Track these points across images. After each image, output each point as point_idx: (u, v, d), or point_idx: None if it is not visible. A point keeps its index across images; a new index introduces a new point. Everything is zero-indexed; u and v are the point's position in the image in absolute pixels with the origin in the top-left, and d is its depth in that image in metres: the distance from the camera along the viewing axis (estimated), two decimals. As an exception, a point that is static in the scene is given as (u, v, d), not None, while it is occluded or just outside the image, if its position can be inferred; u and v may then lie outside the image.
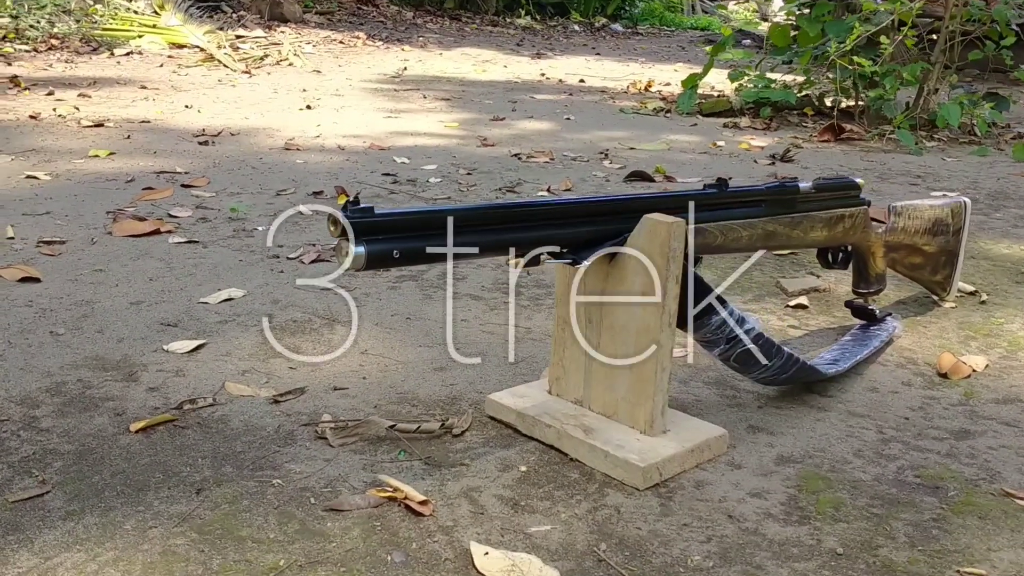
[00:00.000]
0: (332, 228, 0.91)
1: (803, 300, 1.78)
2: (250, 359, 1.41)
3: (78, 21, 6.06)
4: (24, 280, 1.70)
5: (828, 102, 4.29)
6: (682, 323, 1.20)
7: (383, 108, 4.11)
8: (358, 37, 6.97)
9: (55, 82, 4.30)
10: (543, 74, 5.87)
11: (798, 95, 4.26)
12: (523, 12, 11.14)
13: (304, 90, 4.52)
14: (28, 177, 2.50)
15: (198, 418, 1.22)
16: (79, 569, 0.90)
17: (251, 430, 1.19)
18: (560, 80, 5.63)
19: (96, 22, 6.07)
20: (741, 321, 1.22)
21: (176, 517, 0.99)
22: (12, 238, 1.96)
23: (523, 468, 1.13)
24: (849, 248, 1.56)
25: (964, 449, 1.24)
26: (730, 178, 1.99)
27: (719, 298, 1.20)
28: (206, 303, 1.64)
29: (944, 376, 1.47)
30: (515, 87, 5.20)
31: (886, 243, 1.60)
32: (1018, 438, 1.28)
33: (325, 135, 3.39)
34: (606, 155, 3.29)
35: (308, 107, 4.01)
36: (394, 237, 0.94)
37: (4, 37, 5.39)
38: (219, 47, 5.58)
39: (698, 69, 4.56)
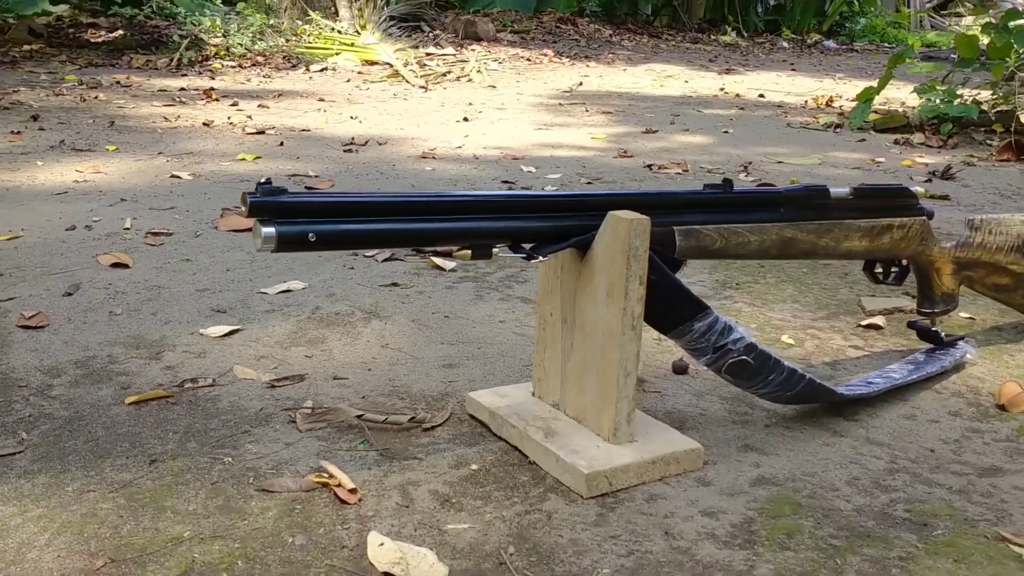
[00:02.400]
0: (244, 208, 0.93)
1: (878, 320, 1.64)
2: (274, 346, 1.46)
3: (287, 40, 6.50)
4: (115, 266, 1.84)
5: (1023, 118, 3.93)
6: (665, 329, 1.15)
7: (539, 121, 4.15)
8: (545, 54, 7.07)
9: (245, 94, 4.62)
10: (722, 89, 5.72)
11: (990, 111, 3.93)
12: (729, 29, 10.93)
13: (470, 104, 4.63)
14: (172, 176, 2.70)
15: (192, 396, 1.27)
16: (4, 523, 0.96)
17: (234, 411, 1.23)
18: (737, 95, 5.47)
19: (302, 41, 6.48)
20: (727, 330, 1.14)
21: (117, 484, 1.04)
22: (128, 228, 2.13)
23: (475, 467, 1.11)
24: (904, 262, 1.43)
25: (982, 487, 1.10)
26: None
27: (702, 305, 1.13)
28: (265, 293, 1.71)
29: (1002, 408, 1.32)
30: (687, 101, 5.10)
31: (956, 259, 1.45)
32: (1055, 480, 1.12)
33: (468, 145, 3.45)
34: (746, 168, 3.16)
35: (465, 119, 4.10)
36: (312, 220, 0.95)
37: (216, 55, 5.85)
38: (405, 64, 5.82)
39: (892, 85, 4.30)
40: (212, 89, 4.71)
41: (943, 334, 1.47)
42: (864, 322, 1.65)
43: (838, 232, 1.30)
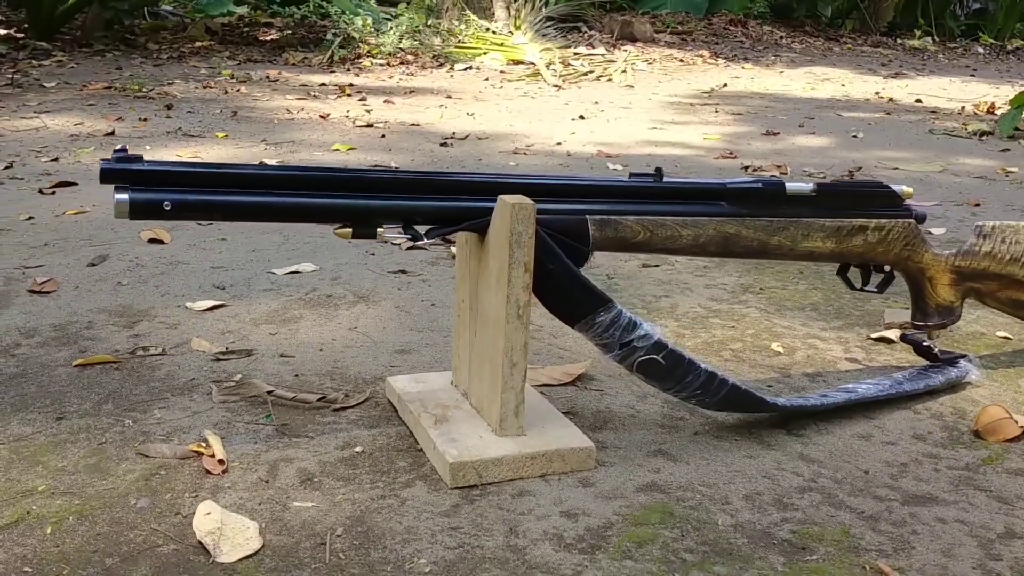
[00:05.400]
0: (99, 178, 0.95)
1: (890, 334, 1.51)
2: (247, 323, 1.49)
3: (443, 40, 6.64)
4: (152, 241, 1.93)
5: None
6: (571, 321, 1.10)
7: (658, 120, 4.05)
8: (701, 55, 6.90)
9: (379, 91, 4.75)
10: (877, 93, 5.41)
11: None
12: (919, 33, 10.32)
13: (596, 102, 4.58)
14: (260, 163, 2.81)
15: (137, 363, 1.32)
16: None
17: (167, 379, 1.27)
18: (891, 99, 5.15)
19: (457, 41, 6.61)
20: (632, 326, 1.08)
21: (14, 436, 1.09)
22: (188, 209, 2.23)
23: (359, 449, 1.10)
24: (888, 269, 1.30)
25: (899, 516, 0.99)
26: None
27: (604, 298, 1.08)
28: (273, 273, 1.76)
29: (978, 435, 1.18)
30: (831, 105, 4.85)
31: (956, 268, 1.31)
32: (991, 516, 0.99)
33: (568, 142, 3.42)
34: (851, 173, 2.98)
35: (582, 117, 4.06)
36: (168, 189, 0.96)
37: (368, 52, 6.05)
38: (548, 64, 5.82)
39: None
40: (351, 85, 4.87)
41: (937, 349, 1.33)
42: (874, 335, 1.52)
43: (795, 231, 1.20)
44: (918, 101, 5.13)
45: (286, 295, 1.63)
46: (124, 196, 0.94)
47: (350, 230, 1.04)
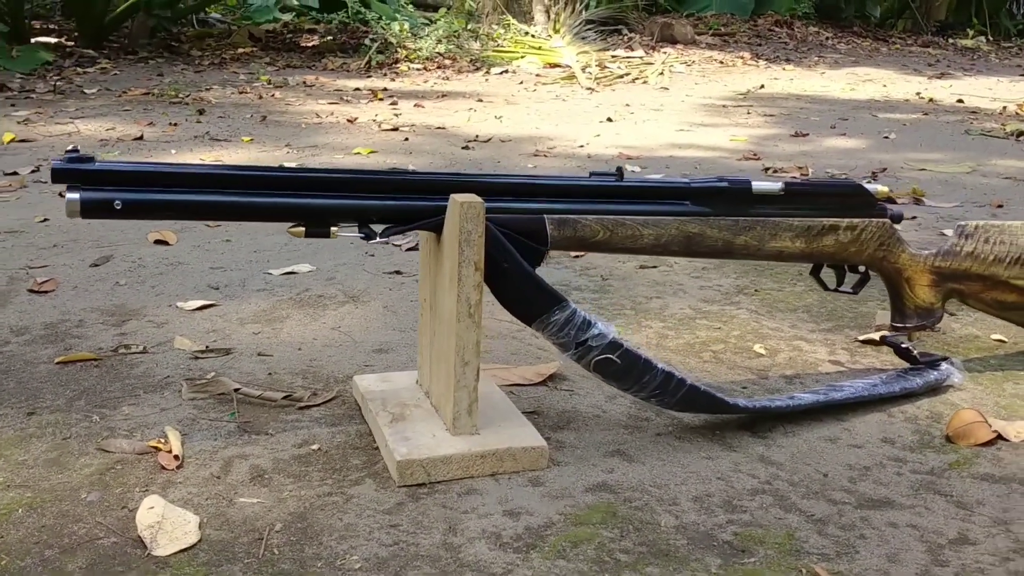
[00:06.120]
0: (50, 178, 0.98)
1: (879, 336, 1.48)
2: (233, 322, 1.51)
3: (483, 45, 6.67)
4: (157, 242, 1.97)
5: None
6: (527, 320, 1.09)
7: (687, 122, 4.02)
8: (741, 57, 6.83)
9: (412, 95, 4.79)
10: (918, 93, 5.31)
11: None
12: (971, 32, 10.10)
13: (627, 105, 4.56)
14: (279, 166, 2.85)
15: (117, 361, 1.34)
16: None
17: (142, 376, 1.29)
18: (931, 100, 5.05)
19: (496, 45, 6.62)
20: (586, 325, 1.07)
21: (-17, 430, 1.12)
22: (200, 212, 2.27)
23: (316, 447, 1.11)
24: (864, 269, 1.28)
25: (849, 520, 0.98)
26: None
27: (557, 297, 1.07)
28: (270, 274, 1.78)
29: (949, 439, 1.15)
30: (868, 106, 4.78)
31: (935, 269, 1.28)
32: (945, 522, 0.97)
33: (592, 144, 3.41)
34: (875, 175, 2.93)
35: (610, 119, 4.05)
36: (120, 189, 0.98)
37: (406, 57, 6.10)
38: (584, 67, 5.81)
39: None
40: (384, 89, 4.91)
41: (916, 352, 1.30)
42: (862, 337, 1.49)
43: (761, 230, 1.18)
44: (959, 101, 5.02)
45: (278, 295, 1.65)
46: (75, 195, 0.97)
47: (303, 229, 1.05)
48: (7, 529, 0.92)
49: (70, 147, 0.98)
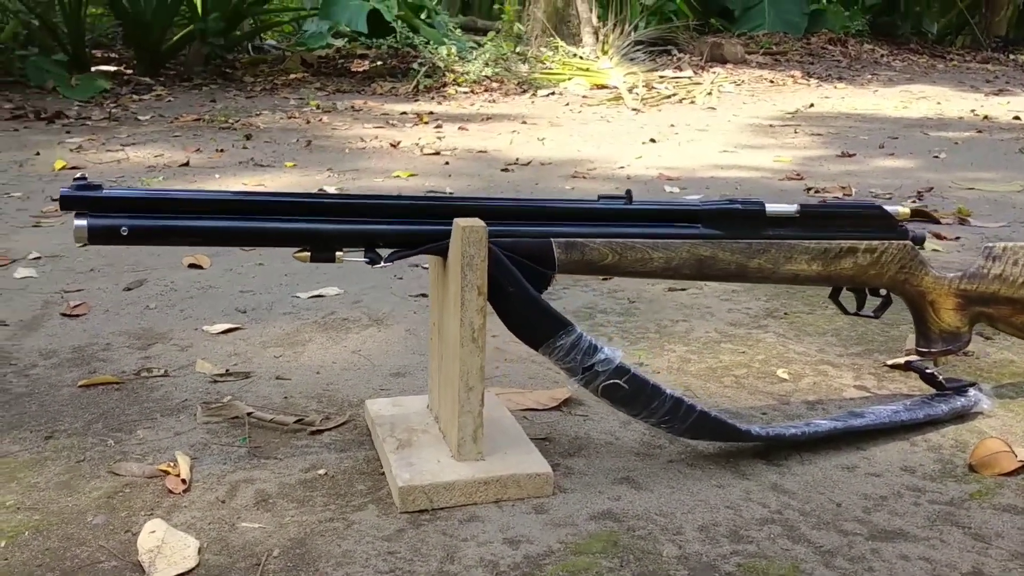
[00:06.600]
0: (59, 205, 0.99)
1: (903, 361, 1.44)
2: (256, 345, 1.53)
3: (531, 67, 6.69)
4: (191, 266, 2.00)
5: None
6: (535, 344, 1.09)
7: (732, 143, 3.99)
8: (792, 76, 6.76)
9: (457, 118, 4.82)
10: (973, 111, 5.20)
11: None
12: (1032, 48, 9.88)
13: (672, 125, 4.54)
14: (319, 190, 2.88)
15: (138, 384, 1.36)
16: None
17: (161, 399, 1.31)
18: (986, 117, 4.95)
19: (545, 67, 6.65)
20: (592, 350, 1.06)
21: (2, 454, 1.14)
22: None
23: (323, 472, 1.11)
24: (885, 292, 1.24)
25: (859, 552, 0.95)
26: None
27: (564, 321, 1.06)
28: (297, 297, 1.79)
29: (972, 468, 1.12)
30: (920, 124, 4.69)
31: (962, 292, 1.24)
32: (960, 555, 0.94)
33: (632, 166, 3.40)
34: (920, 195, 2.87)
35: (653, 140, 4.03)
36: (126, 215, 1.00)
37: (454, 81, 6.14)
38: (631, 88, 5.80)
39: None
40: (430, 113, 4.95)
41: (942, 377, 1.26)
42: (890, 362, 1.45)
43: (776, 253, 1.16)
44: (1016, 118, 4.91)
45: (303, 318, 1.67)
46: (83, 222, 0.98)
47: (308, 254, 1.05)
48: (13, 551, 0.93)
49: (78, 175, 1.00)
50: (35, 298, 1.76)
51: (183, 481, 1.06)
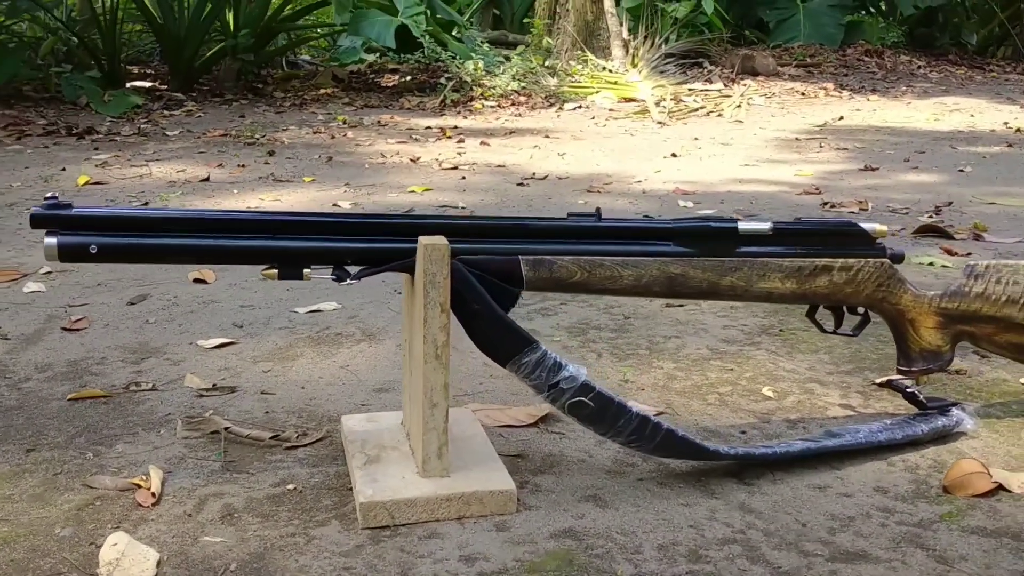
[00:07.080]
0: (29, 223, 1.02)
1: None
2: (246, 360, 1.54)
3: (560, 80, 6.70)
4: (196, 281, 2.02)
5: None
6: (501, 361, 1.09)
7: (754, 157, 3.96)
8: (824, 88, 6.70)
9: (480, 132, 4.84)
10: (1007, 124, 5.12)
11: None
12: (1077, 57, 9.71)
13: (695, 139, 4.52)
14: (334, 205, 2.91)
15: (125, 398, 1.38)
16: None
17: (145, 413, 1.33)
18: (1019, 130, 4.87)
19: (573, 80, 6.66)
20: (557, 367, 1.06)
21: (-18, 466, 1.17)
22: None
23: (292, 487, 1.12)
24: (863, 310, 1.23)
25: (817, 573, 0.94)
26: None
27: (528, 339, 1.07)
28: (296, 312, 1.81)
29: (947, 490, 1.10)
30: (951, 137, 4.63)
31: (942, 311, 1.23)
32: (921, 573, 0.93)
33: (651, 180, 3.39)
34: (939, 210, 2.83)
35: (674, 155, 4.02)
36: (95, 233, 1.01)
37: (482, 95, 6.17)
38: (659, 101, 5.79)
39: None
40: (454, 127, 4.98)
41: (923, 396, 1.25)
42: (879, 380, 1.44)
43: (748, 271, 1.16)
44: (1049, 131, 4.83)
45: (297, 333, 1.68)
46: (53, 240, 1.00)
47: (276, 271, 1.07)
48: (-23, 563, 0.95)
49: (48, 194, 1.02)
50: (40, 312, 1.80)
51: (153, 495, 1.08)
